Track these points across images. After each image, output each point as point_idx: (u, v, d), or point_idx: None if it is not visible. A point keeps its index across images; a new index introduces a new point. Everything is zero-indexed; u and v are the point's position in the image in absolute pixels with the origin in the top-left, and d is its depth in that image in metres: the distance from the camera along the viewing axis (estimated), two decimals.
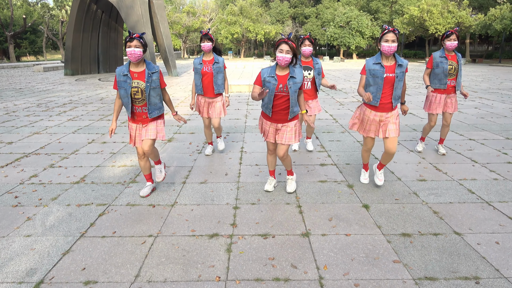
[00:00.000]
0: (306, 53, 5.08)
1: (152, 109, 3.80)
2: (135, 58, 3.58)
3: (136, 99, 3.72)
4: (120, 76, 3.66)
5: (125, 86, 3.64)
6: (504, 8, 31.03)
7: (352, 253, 3.03)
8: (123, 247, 3.13)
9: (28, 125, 7.96)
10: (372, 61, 3.85)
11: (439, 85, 5.18)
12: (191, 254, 3.03)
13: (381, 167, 4.25)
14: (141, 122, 3.86)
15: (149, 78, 3.67)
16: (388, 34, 3.64)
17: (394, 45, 3.63)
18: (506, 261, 2.89)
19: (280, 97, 3.64)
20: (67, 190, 4.35)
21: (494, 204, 3.92)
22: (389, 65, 3.77)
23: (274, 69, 3.64)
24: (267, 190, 4.24)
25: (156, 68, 3.76)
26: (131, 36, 3.57)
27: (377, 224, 3.51)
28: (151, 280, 2.69)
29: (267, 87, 3.59)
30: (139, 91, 3.67)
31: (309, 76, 5.16)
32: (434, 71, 5.18)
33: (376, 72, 3.77)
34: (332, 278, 2.71)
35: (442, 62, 5.07)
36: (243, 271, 2.79)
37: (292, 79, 3.59)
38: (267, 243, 3.18)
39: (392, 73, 3.75)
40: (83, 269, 2.82)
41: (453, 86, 5.19)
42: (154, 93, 3.76)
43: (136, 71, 3.67)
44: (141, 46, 3.59)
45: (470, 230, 3.39)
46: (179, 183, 4.59)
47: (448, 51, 5.09)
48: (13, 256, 3.00)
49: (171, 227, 3.47)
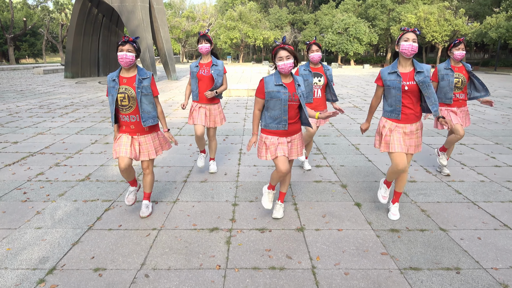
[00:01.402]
0: (315, 59, 4.62)
1: (145, 117, 3.47)
2: (127, 63, 3.33)
3: (122, 106, 3.41)
4: (110, 82, 3.41)
5: (112, 92, 3.39)
6: (500, 16, 31.53)
7: (343, 246, 3.25)
8: (129, 239, 3.34)
9: (32, 126, 8.16)
10: (387, 70, 3.44)
11: (445, 99, 4.72)
12: (193, 245, 3.23)
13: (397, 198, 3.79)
14: (129, 133, 3.50)
15: (139, 83, 3.40)
16: (408, 33, 3.27)
17: (415, 45, 3.23)
18: (486, 254, 3.11)
19: (292, 107, 3.35)
20: (73, 187, 4.55)
21: (479, 204, 4.15)
22: (407, 72, 3.37)
23: (279, 78, 3.31)
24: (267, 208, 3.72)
25: (148, 74, 3.50)
26: (124, 39, 3.32)
27: (367, 221, 3.72)
28: (156, 268, 2.90)
29: (277, 98, 3.28)
30: (126, 97, 3.38)
31: (319, 83, 4.68)
32: (440, 84, 4.73)
33: (392, 82, 3.39)
34: (324, 267, 2.92)
35: (447, 74, 4.65)
36: (242, 261, 3.00)
37: (299, 87, 3.35)
38: (264, 236, 3.40)
39: (411, 81, 3.34)
40: (92, 258, 3.02)
41: (463, 100, 4.75)
42: (147, 101, 3.47)
43: (126, 77, 3.42)
44: (133, 51, 3.35)
45: (455, 226, 3.61)
46: (180, 181, 4.80)
47: (455, 62, 4.66)
48: (25, 246, 3.20)
49: (174, 222, 3.67)
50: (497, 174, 5.12)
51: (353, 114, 10.25)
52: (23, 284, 2.68)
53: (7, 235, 3.37)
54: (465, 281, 2.75)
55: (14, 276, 2.77)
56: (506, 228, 3.57)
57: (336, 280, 2.76)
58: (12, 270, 2.84)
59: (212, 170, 5.13)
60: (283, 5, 62.35)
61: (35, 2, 62.41)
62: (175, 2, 67.89)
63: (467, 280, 2.77)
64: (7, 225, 3.57)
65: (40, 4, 60.86)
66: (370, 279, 2.78)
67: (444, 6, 37.84)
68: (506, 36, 29.97)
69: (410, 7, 41.39)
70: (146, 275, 2.80)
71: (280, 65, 3.22)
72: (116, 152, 3.47)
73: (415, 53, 3.27)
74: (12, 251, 3.10)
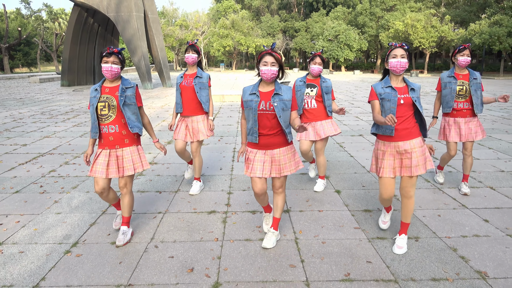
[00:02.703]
0: (315, 72, 4.43)
1: (132, 124, 3.31)
2: (112, 76, 3.21)
3: (102, 116, 3.24)
4: (92, 92, 3.28)
5: (93, 102, 3.24)
6: (483, 23, 32.63)
7: (322, 223, 3.81)
8: (139, 220, 3.87)
9: (37, 130, 8.66)
10: (380, 85, 3.22)
11: (446, 108, 4.49)
12: (194, 224, 3.77)
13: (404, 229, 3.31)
14: (107, 146, 3.30)
15: (122, 92, 3.26)
16: (396, 49, 3.10)
17: (404, 61, 3.06)
18: (442, 227, 3.69)
19: (265, 118, 3.08)
20: (84, 181, 5.07)
21: (444, 189, 4.74)
22: (401, 87, 3.18)
23: (257, 86, 3.14)
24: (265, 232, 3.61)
25: (132, 83, 3.38)
26: (109, 50, 3.18)
27: (345, 204, 4.29)
28: (163, 241, 3.43)
29: (249, 107, 3.11)
30: (106, 106, 3.22)
31: (311, 94, 4.46)
32: (442, 93, 4.53)
33: (387, 95, 3.14)
34: (305, 238, 3.47)
35: (450, 82, 4.43)
36: (236, 235, 3.54)
37: (277, 96, 3.06)
38: (255, 217, 3.95)
39: (406, 94, 3.14)
40: (108, 235, 3.54)
41: (468, 109, 4.41)
42: (130, 111, 3.31)
43: (108, 86, 3.29)
44: (119, 63, 3.23)
45: (420, 207, 4.19)
46: (180, 176, 5.34)
47: (459, 69, 4.43)
48: (49, 226, 3.72)
49: (176, 207, 4.21)
50: None
51: (340, 116, 10.87)
52: (53, 254, 3.20)
53: (32, 219, 3.88)
54: (421, 247, 3.31)
55: (44, 249, 3.29)
56: (464, 208, 4.16)
57: (314, 247, 3.32)
58: (42, 245, 3.36)
59: (192, 191, 4.59)
60: (275, 13, 63.48)
61: (28, 12, 62.82)
62: (168, 10, 68.75)
63: (424, 245, 3.33)
64: (30, 211, 4.08)
65: (34, 14, 61.29)
66: (343, 246, 3.33)
67: (431, 13, 38.99)
68: (489, 42, 31.02)
69: (398, 14, 42.55)
70: (156, 246, 3.34)
71: (263, 69, 3.01)
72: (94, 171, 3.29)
73: (405, 69, 3.11)
74: (39, 231, 3.62)
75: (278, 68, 3.04)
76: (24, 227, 3.71)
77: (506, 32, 30.25)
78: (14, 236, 3.52)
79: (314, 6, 58.31)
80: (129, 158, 3.34)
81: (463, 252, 3.22)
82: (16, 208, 4.16)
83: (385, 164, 3.21)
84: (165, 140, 7.65)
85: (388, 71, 3.25)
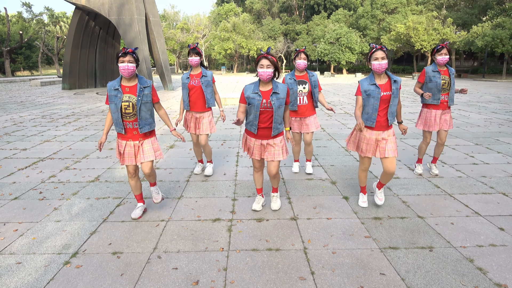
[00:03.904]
0: (300, 67, 4.84)
1: (142, 124, 3.67)
2: (129, 74, 3.51)
3: (127, 114, 3.59)
4: (111, 90, 3.58)
5: (115, 101, 3.54)
6: (485, 25, 32.51)
7: (331, 231, 3.67)
8: (141, 228, 3.73)
9: (38, 134, 8.54)
10: (366, 82, 3.79)
11: (432, 100, 4.95)
12: (198, 233, 3.64)
13: (381, 186, 4.16)
14: (131, 139, 3.71)
15: (140, 92, 3.59)
16: (377, 52, 3.65)
17: (384, 62, 3.64)
18: (456, 236, 3.55)
19: (265, 113, 3.63)
20: (84, 187, 4.94)
21: (455, 196, 4.59)
22: (384, 83, 3.75)
23: (258, 85, 3.63)
24: (255, 210, 4.13)
25: (148, 82, 3.69)
26: (124, 51, 3.49)
27: (354, 211, 4.15)
28: (167, 251, 3.29)
29: (252, 104, 3.62)
30: (130, 106, 3.57)
31: (304, 90, 4.90)
32: (427, 85, 4.96)
33: (372, 92, 3.73)
34: (314, 248, 3.33)
35: (435, 76, 4.86)
36: (242, 244, 3.40)
37: (275, 94, 3.58)
38: (261, 225, 3.81)
39: (387, 91, 3.73)
40: (110, 244, 3.41)
41: (447, 101, 4.98)
42: (145, 108, 3.66)
43: (128, 86, 3.60)
44: (134, 61, 3.52)
45: (431, 214, 4.05)
46: (183, 181, 5.20)
47: (440, 66, 4.89)
48: (48, 235, 3.58)
49: (180, 214, 4.08)
50: (474, 171, 5.58)
51: (344, 120, 10.74)
52: (51, 265, 3.07)
53: (31, 227, 3.75)
54: (436, 257, 3.17)
55: (43, 259, 3.15)
56: (477, 215, 4.01)
57: (324, 257, 3.18)
58: (40, 255, 3.23)
59: (207, 172, 5.38)
60: (276, 16, 63.47)
61: (30, 16, 62.95)
62: (169, 14, 68.83)
63: (438, 256, 3.19)
64: (29, 219, 3.95)
65: (35, 17, 61.41)
66: (354, 256, 3.19)
67: (433, 16, 38.88)
68: (492, 44, 30.89)
69: (400, 17, 42.47)
70: (159, 256, 3.20)
71: (260, 71, 3.51)
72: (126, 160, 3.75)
73: (385, 69, 3.67)
74: (37, 240, 3.49)
75: (273, 69, 3.53)
76: (22, 236, 3.58)
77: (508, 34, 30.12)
78: (11, 245, 3.39)
79: (315, 9, 58.29)
80: (150, 147, 3.78)
81: (480, 263, 3.07)
82: (15, 216, 4.03)
83: (368, 147, 3.95)
84: (167, 144, 7.52)
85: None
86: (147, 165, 3.80)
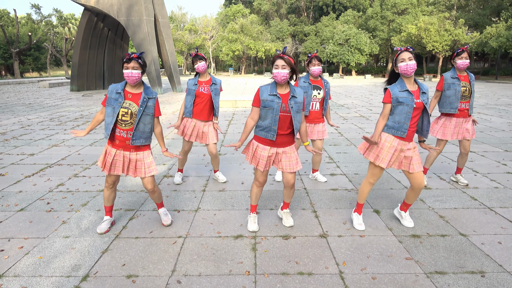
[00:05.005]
0: (315, 73, 4.67)
1: (137, 136, 3.38)
2: (133, 81, 3.27)
3: (123, 121, 3.32)
4: (112, 93, 3.33)
5: (114, 104, 3.29)
6: (500, 26, 31.87)
7: (367, 251, 3.31)
8: (157, 246, 3.40)
9: (46, 138, 8.28)
10: (397, 89, 3.39)
11: (449, 109, 4.66)
12: (220, 252, 3.30)
13: (407, 207, 3.81)
14: (123, 148, 3.43)
15: (143, 102, 3.34)
16: (402, 53, 3.35)
17: (412, 63, 3.29)
18: (508, 258, 3.17)
19: (283, 118, 3.34)
20: (95, 197, 4.63)
21: (495, 210, 4.21)
22: (415, 90, 3.41)
23: (275, 87, 3.33)
24: (253, 231, 3.70)
25: (154, 94, 3.45)
26: (129, 56, 3.23)
27: (388, 227, 3.79)
28: (187, 274, 2.96)
29: (270, 107, 3.31)
30: (129, 113, 3.30)
31: (319, 96, 4.75)
32: (445, 93, 4.67)
33: (405, 99, 3.35)
34: (351, 272, 2.98)
35: (454, 83, 4.58)
36: (270, 267, 3.06)
37: (294, 98, 3.33)
38: (289, 243, 3.46)
39: (419, 99, 3.39)
40: (123, 265, 3.08)
41: (468, 109, 4.67)
42: (145, 120, 3.39)
43: (132, 92, 3.35)
44: (139, 68, 3.26)
45: (474, 232, 3.67)
46: (199, 191, 4.88)
47: (459, 71, 4.62)
48: (56, 254, 3.27)
49: (198, 229, 3.74)
50: (510, 181, 5.18)
51: (361, 123, 10.35)
52: None
53: (37, 244, 3.44)
54: (491, 284, 2.80)
55: (50, 284, 2.84)
56: None
57: (364, 284, 2.82)
58: (47, 278, 2.91)
59: (222, 179, 5.20)
60: (284, 17, 63.10)
61: (39, 17, 63.32)
62: (177, 15, 68.82)
63: (493, 283, 2.82)
64: (35, 234, 3.64)
65: (44, 19, 61.76)
66: (398, 283, 2.83)
67: (444, 17, 38.27)
68: (506, 45, 30.26)
69: (410, 18, 41.88)
70: (178, 281, 2.87)
71: (274, 72, 3.25)
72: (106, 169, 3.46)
73: (415, 70, 3.34)
74: (44, 259, 3.17)
75: (289, 70, 3.23)
76: (27, 254, 3.27)
77: None
78: (16, 266, 3.08)
79: (324, 10, 57.83)
80: (142, 162, 3.49)
81: None
82: (20, 230, 3.72)
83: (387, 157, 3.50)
84: (180, 150, 7.20)
85: (396, 74, 3.50)
86: (149, 181, 3.56)
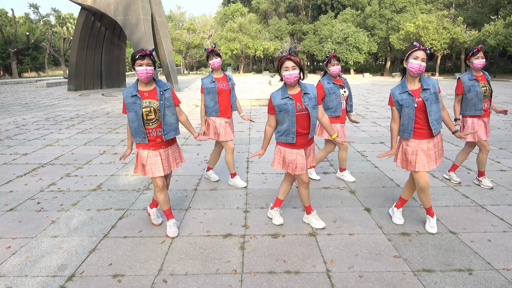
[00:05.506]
0: (335, 73, 4.63)
1: (167, 130, 3.38)
2: (147, 78, 3.21)
3: (149, 121, 3.29)
4: (128, 98, 3.26)
5: (134, 108, 3.24)
6: (498, 24, 31.84)
7: (356, 249, 3.30)
8: (145, 246, 3.39)
9: (40, 138, 8.26)
10: (398, 91, 3.40)
11: (475, 111, 4.54)
12: (208, 251, 3.29)
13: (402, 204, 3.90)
14: (154, 147, 3.39)
15: (161, 95, 3.31)
16: (418, 51, 3.25)
17: (424, 64, 3.21)
18: (497, 256, 3.16)
19: (301, 118, 3.32)
20: (85, 197, 4.61)
21: (487, 207, 4.20)
22: (416, 89, 3.35)
23: (285, 90, 3.32)
24: (281, 224, 3.80)
25: (167, 85, 3.40)
26: (143, 53, 3.15)
27: (378, 225, 3.78)
28: (173, 273, 2.95)
29: (285, 110, 3.30)
30: (152, 111, 3.27)
31: (345, 94, 4.73)
32: (466, 96, 4.56)
33: (405, 101, 3.34)
34: (339, 270, 2.97)
35: (474, 85, 4.49)
36: (257, 265, 3.05)
37: (306, 95, 3.32)
38: (278, 241, 3.45)
39: (419, 98, 3.33)
40: (110, 265, 3.07)
41: (489, 108, 4.62)
42: (169, 112, 3.38)
43: (146, 90, 3.30)
44: (152, 64, 3.23)
45: (464, 229, 3.66)
46: (191, 190, 4.86)
47: (476, 71, 4.56)
48: (43, 254, 3.25)
49: (187, 229, 3.73)
50: (503, 178, 5.17)
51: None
52: None
53: (25, 244, 3.43)
54: (478, 282, 2.79)
55: (35, 283, 2.82)
56: None
57: (351, 282, 2.81)
58: (33, 278, 2.90)
59: (241, 185, 4.95)
60: (283, 16, 63.04)
61: (37, 17, 63.22)
62: (175, 14, 68.68)
63: (480, 281, 2.81)
64: (23, 234, 3.63)
65: (42, 19, 61.66)
66: (385, 281, 2.82)
67: (443, 15, 38.22)
68: (504, 43, 30.22)
69: (409, 16, 41.82)
70: (164, 280, 2.85)
71: (285, 75, 3.22)
72: (152, 171, 3.39)
73: (422, 72, 3.25)
74: (31, 259, 3.16)
75: (299, 70, 3.24)
76: (14, 254, 3.25)
77: None
78: (2, 266, 3.07)
79: (322, 9, 57.75)
80: (174, 156, 3.58)
81: None
82: (8, 230, 3.71)
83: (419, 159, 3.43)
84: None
85: (405, 70, 3.39)
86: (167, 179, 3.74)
